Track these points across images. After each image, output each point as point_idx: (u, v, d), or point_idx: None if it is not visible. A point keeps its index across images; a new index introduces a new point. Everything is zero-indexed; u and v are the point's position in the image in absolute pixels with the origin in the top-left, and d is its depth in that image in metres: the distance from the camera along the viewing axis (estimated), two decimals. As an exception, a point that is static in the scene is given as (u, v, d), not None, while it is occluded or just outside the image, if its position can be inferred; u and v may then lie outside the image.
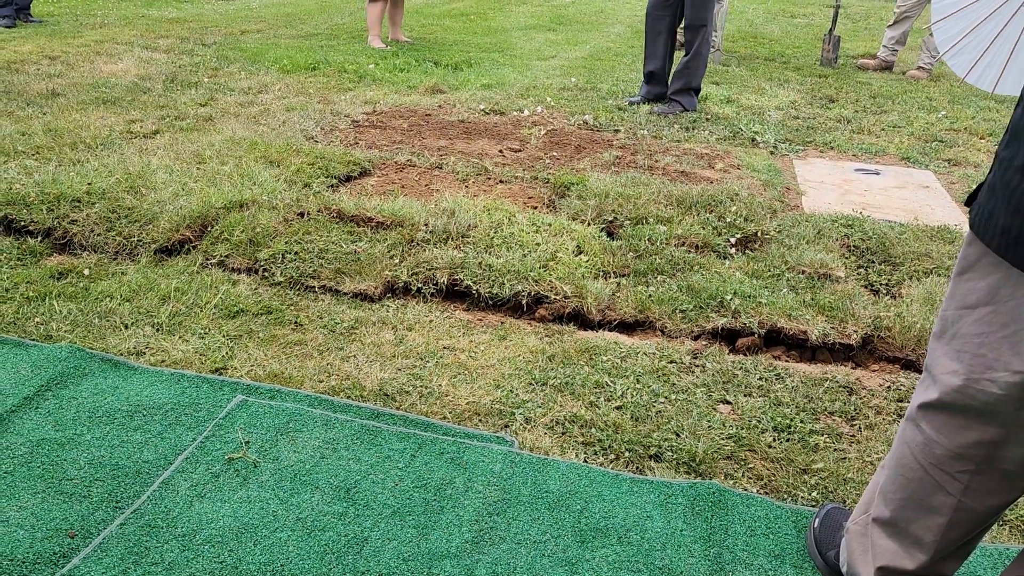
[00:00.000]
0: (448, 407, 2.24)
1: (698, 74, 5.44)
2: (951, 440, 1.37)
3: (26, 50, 6.46)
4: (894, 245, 3.27)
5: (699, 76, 5.46)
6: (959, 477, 1.38)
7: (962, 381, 1.32)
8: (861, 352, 2.64)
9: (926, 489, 1.43)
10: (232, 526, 1.77)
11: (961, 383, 1.32)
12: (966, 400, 1.33)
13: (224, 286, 2.82)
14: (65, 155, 3.92)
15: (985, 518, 1.42)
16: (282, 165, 3.82)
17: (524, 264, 2.88)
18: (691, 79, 5.43)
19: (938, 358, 1.38)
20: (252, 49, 6.95)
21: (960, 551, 1.48)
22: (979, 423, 1.33)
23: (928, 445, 1.41)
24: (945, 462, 1.39)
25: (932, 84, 6.90)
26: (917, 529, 1.47)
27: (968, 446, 1.36)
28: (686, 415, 2.24)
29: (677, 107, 5.45)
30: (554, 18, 10.20)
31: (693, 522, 1.85)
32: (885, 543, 1.53)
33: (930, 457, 1.41)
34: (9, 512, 1.78)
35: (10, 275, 2.84)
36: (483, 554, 1.73)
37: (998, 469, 1.35)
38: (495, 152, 4.42)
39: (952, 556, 1.48)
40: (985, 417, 1.32)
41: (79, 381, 2.26)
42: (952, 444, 1.37)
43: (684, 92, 5.47)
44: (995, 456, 1.34)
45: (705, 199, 3.59)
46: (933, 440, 1.40)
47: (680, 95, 5.47)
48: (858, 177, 4.35)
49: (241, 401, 2.20)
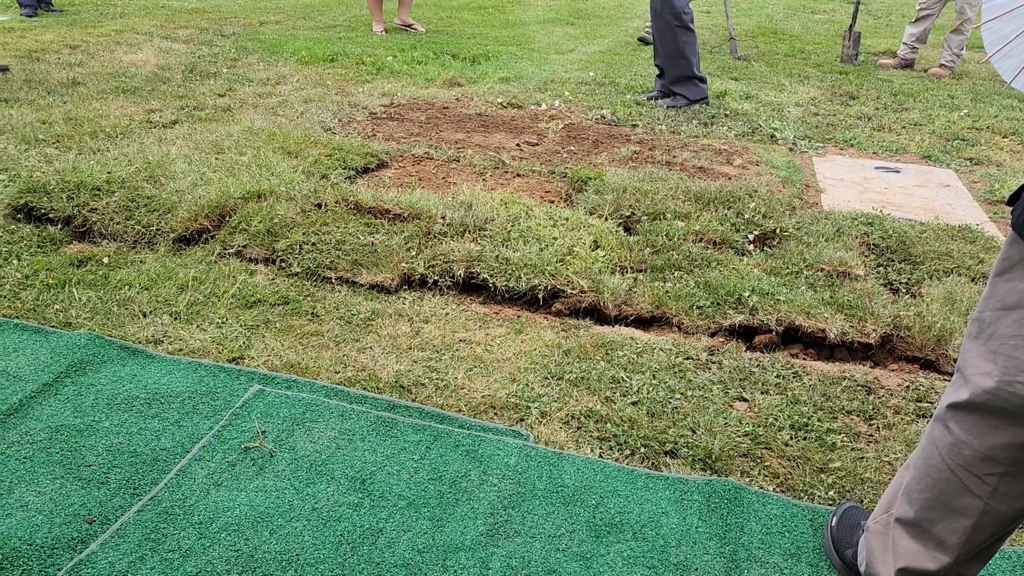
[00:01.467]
0: (464, 400, 2.24)
1: (689, 62, 5.23)
2: (981, 441, 1.36)
3: (47, 39, 6.50)
4: (914, 244, 3.24)
5: (691, 64, 5.25)
6: (987, 479, 1.37)
7: (995, 383, 1.30)
8: (880, 351, 2.62)
9: (953, 490, 1.42)
10: (248, 515, 1.78)
11: (994, 385, 1.31)
12: (998, 402, 1.31)
13: (241, 276, 2.83)
14: (85, 144, 3.94)
15: (1011, 521, 1.40)
16: (300, 156, 3.83)
17: (541, 258, 2.87)
18: (684, 68, 5.25)
19: (972, 359, 1.36)
20: (271, 40, 6.96)
21: (983, 554, 1.47)
22: (1011, 425, 1.32)
23: (957, 446, 1.40)
24: (974, 464, 1.38)
25: (954, 82, 6.82)
26: (941, 531, 1.45)
27: (998, 448, 1.34)
28: (702, 412, 2.23)
29: (681, 100, 5.34)
30: (573, 12, 10.16)
31: (709, 519, 1.84)
32: (907, 543, 1.52)
33: (958, 458, 1.40)
34: (28, 497, 1.79)
35: (30, 262, 2.86)
36: (498, 547, 1.73)
37: None
38: (512, 146, 4.41)
39: (975, 558, 1.47)
40: (1017, 419, 1.30)
41: (98, 368, 2.27)
42: (982, 446, 1.36)
43: (683, 81, 5.33)
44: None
45: (723, 195, 3.57)
46: (962, 441, 1.39)
47: (679, 85, 5.34)
48: (878, 175, 4.31)
49: (258, 391, 2.20)
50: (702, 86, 5.42)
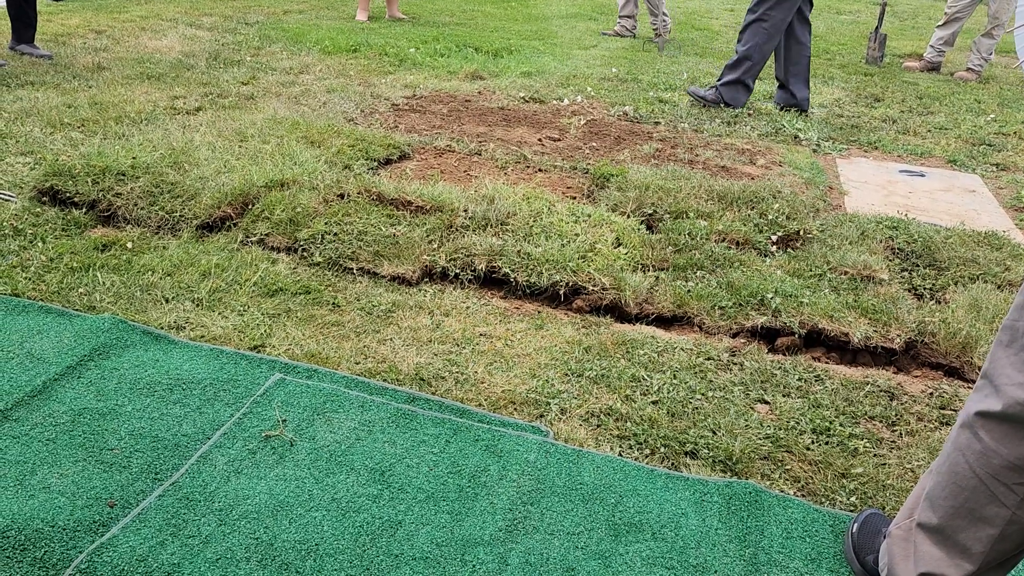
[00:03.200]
0: (483, 394, 2.24)
1: (751, 66, 5.17)
2: (1012, 451, 1.34)
3: (73, 24, 6.54)
4: (939, 249, 3.20)
5: (750, 71, 5.20)
6: (1016, 489, 1.35)
7: None
8: (903, 357, 2.60)
9: (979, 499, 1.41)
10: (268, 503, 1.78)
11: None
12: None
13: (263, 264, 2.83)
14: (110, 128, 3.96)
15: None
16: (323, 146, 3.84)
17: (563, 254, 2.86)
18: (742, 73, 5.20)
19: (1003, 368, 1.34)
20: (294, 29, 6.97)
21: (1007, 564, 1.45)
22: None
23: (986, 455, 1.38)
24: (1003, 473, 1.36)
25: (981, 86, 6.75)
26: (966, 539, 1.44)
27: None
28: (723, 413, 2.22)
29: (714, 93, 5.28)
30: (596, 7, 10.12)
31: (728, 521, 1.83)
32: (930, 550, 1.50)
33: (987, 467, 1.38)
34: (51, 479, 1.80)
35: (55, 245, 2.87)
36: (516, 543, 1.73)
37: None
38: (534, 140, 4.40)
39: (998, 568, 1.45)
40: None
41: (121, 353, 2.28)
42: (1013, 455, 1.34)
43: (731, 85, 5.27)
44: None
45: (747, 195, 3.54)
46: (992, 450, 1.37)
47: (726, 87, 5.28)
48: (902, 178, 4.27)
49: (279, 379, 2.21)
50: (745, 96, 5.33)
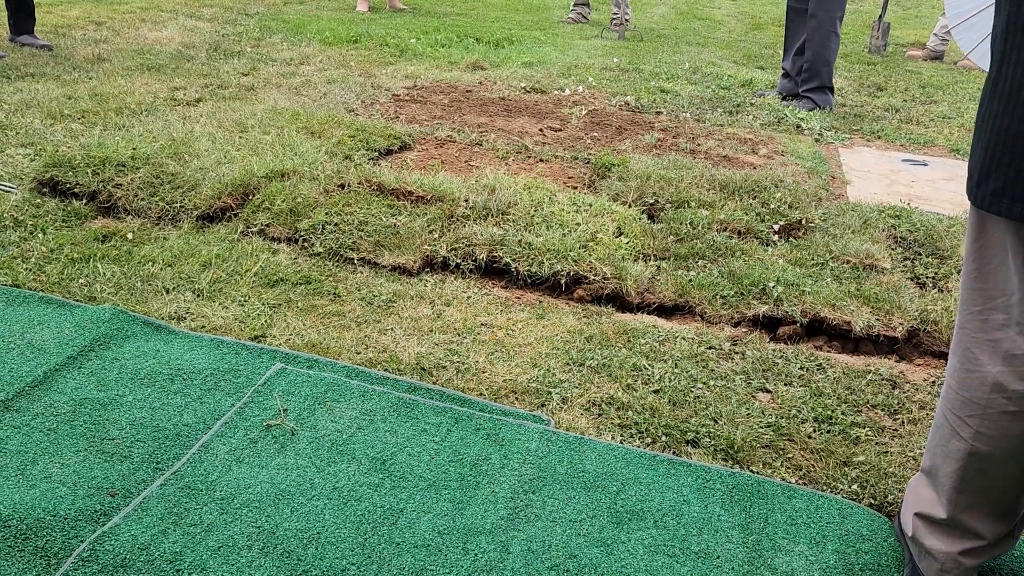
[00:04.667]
0: (485, 384, 2.24)
1: (830, 70, 5.17)
2: (961, 385, 1.48)
3: (73, 15, 6.53)
4: (942, 238, 3.19)
5: (830, 72, 5.19)
6: (970, 421, 1.47)
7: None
8: (906, 346, 2.59)
9: (945, 434, 1.54)
10: (269, 492, 1.78)
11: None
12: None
13: (264, 255, 2.83)
14: (110, 120, 3.95)
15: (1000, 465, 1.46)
16: (323, 136, 3.83)
17: (564, 243, 2.86)
18: (825, 76, 5.18)
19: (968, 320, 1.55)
20: (294, 20, 6.95)
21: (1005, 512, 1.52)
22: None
23: (947, 393, 1.53)
24: (958, 407, 1.49)
25: (984, 75, 6.71)
26: (943, 477, 1.55)
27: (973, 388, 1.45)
28: (724, 402, 2.22)
29: (808, 103, 5.24)
30: (597, -3, 10.07)
31: (731, 508, 1.83)
32: (925, 491, 1.62)
33: (948, 403, 1.52)
34: (52, 469, 1.80)
35: (55, 236, 2.87)
36: (518, 531, 1.73)
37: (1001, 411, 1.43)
38: (535, 131, 4.38)
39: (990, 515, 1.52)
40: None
41: (121, 343, 2.28)
42: (963, 390, 1.48)
43: (818, 90, 5.23)
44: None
45: (748, 184, 3.53)
46: (950, 386, 1.52)
47: (814, 92, 5.24)
48: (905, 168, 4.26)
49: (280, 369, 2.21)
50: (831, 96, 5.30)
